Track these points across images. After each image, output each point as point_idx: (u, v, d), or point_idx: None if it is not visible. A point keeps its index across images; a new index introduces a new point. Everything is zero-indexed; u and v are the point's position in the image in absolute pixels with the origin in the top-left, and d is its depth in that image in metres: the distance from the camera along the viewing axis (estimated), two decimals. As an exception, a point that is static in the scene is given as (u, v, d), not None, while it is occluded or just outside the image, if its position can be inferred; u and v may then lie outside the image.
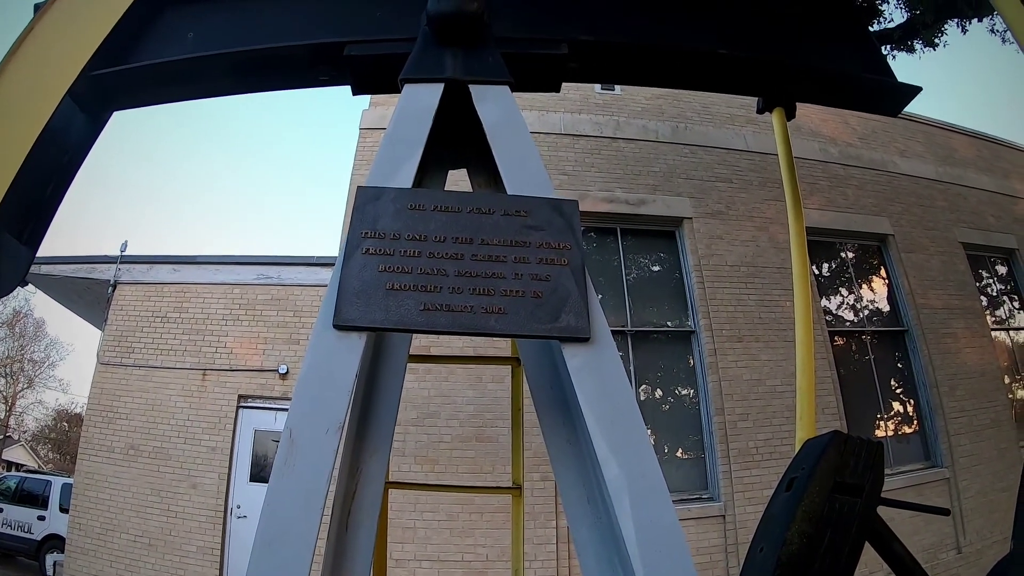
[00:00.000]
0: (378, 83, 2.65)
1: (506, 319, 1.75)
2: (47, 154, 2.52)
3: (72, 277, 10.48)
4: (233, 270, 10.12)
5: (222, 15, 2.95)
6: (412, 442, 7.48)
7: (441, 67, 2.30)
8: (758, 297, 9.05)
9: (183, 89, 3.02)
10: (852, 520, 2.42)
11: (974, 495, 9.00)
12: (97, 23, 2.65)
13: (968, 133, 13.49)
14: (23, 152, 2.36)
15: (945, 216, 11.44)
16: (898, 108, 3.37)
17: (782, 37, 3.24)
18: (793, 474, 2.66)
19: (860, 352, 10.06)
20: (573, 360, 1.76)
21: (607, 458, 1.65)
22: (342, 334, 1.70)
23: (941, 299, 10.41)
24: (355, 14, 2.83)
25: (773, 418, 8.26)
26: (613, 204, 9.28)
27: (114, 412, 9.44)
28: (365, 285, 1.74)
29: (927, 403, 9.60)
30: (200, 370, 9.49)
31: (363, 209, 1.87)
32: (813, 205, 9.99)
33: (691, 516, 7.70)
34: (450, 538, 7.16)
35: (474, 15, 2.33)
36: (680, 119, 10.37)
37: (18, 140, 2.37)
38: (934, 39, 10.52)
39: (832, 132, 11.33)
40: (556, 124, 9.72)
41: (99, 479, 9.17)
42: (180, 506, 8.89)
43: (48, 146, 2.47)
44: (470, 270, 1.80)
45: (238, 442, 9.28)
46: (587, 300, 1.81)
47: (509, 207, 1.93)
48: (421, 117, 2.17)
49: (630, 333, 8.76)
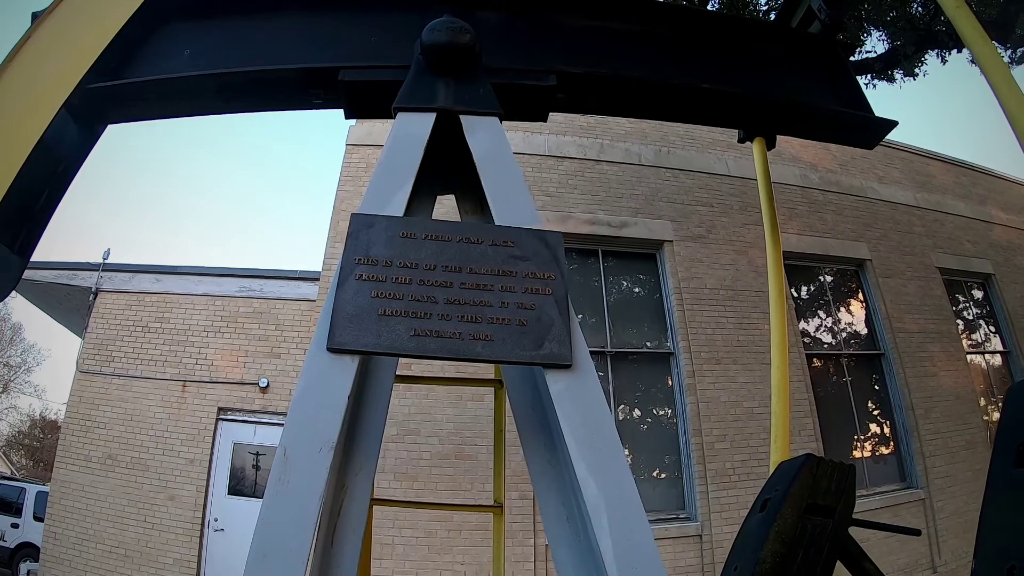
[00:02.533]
0: (371, 108, 2.69)
1: (492, 345, 1.82)
2: (41, 165, 2.54)
3: (53, 283, 10.36)
4: (216, 282, 10.07)
5: (219, 34, 2.97)
6: (392, 459, 7.48)
7: (433, 97, 2.37)
8: (736, 320, 9.15)
9: (178, 106, 3.03)
10: (824, 540, 2.48)
11: (949, 515, 9.12)
12: (94, 35, 2.67)
13: (946, 160, 13.72)
14: (18, 162, 2.38)
15: (922, 241, 11.64)
16: (874, 141, 3.47)
17: (763, 72, 3.34)
18: (767, 495, 2.72)
19: (837, 374, 10.18)
20: (555, 385, 1.82)
21: (586, 479, 1.72)
22: (335, 357, 1.76)
23: (918, 323, 10.57)
24: (350, 39, 2.88)
25: (750, 439, 8.34)
26: (595, 226, 9.35)
27: (92, 421, 9.34)
28: (358, 310, 1.81)
29: (903, 425, 9.73)
30: (180, 381, 9.43)
31: (357, 236, 1.93)
32: (793, 230, 10.15)
33: (669, 536, 7.74)
34: (428, 555, 7.16)
35: (466, 47, 2.40)
36: (663, 143, 10.49)
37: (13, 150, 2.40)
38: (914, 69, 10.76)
39: (813, 158, 11.50)
40: (541, 145, 9.80)
41: (75, 488, 9.06)
42: (157, 518, 8.80)
43: (42, 157, 2.49)
44: (459, 297, 1.87)
45: (216, 455, 9.21)
46: (570, 328, 1.88)
47: (497, 237, 2.00)
48: (413, 146, 2.23)
49: (610, 354, 8.82)
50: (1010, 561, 1.69)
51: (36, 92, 2.54)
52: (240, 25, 3.01)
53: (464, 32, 2.41)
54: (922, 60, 10.68)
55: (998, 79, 2.56)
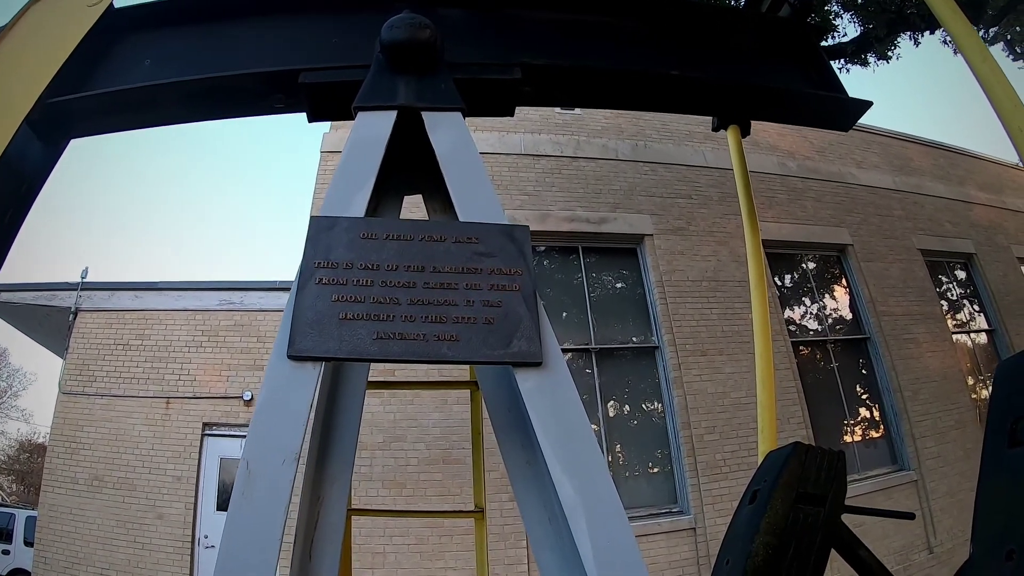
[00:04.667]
0: (333, 110, 2.64)
1: (459, 346, 1.77)
2: (3, 183, 2.49)
3: (33, 304, 10.32)
4: (195, 296, 10.03)
5: (180, 42, 2.93)
6: (379, 466, 7.42)
7: (393, 94, 2.32)
8: (720, 311, 9.16)
9: (140, 117, 2.98)
10: (816, 529, 2.45)
11: (942, 496, 9.16)
12: (55, 49, 2.63)
13: (923, 143, 13.84)
14: (-21, 184, 2.34)
15: (903, 224, 11.71)
16: (849, 123, 3.44)
17: (734, 57, 3.30)
18: (756, 486, 2.69)
19: (824, 360, 10.21)
20: (526, 384, 1.77)
21: (561, 480, 1.67)
22: (297, 364, 1.71)
23: (902, 306, 10.63)
24: (310, 42, 2.84)
25: (739, 430, 8.34)
26: (574, 223, 9.34)
27: (77, 442, 9.29)
28: (319, 315, 1.75)
29: (892, 408, 9.78)
30: (164, 398, 9.37)
31: (316, 239, 1.88)
32: (772, 218, 10.17)
33: (661, 530, 7.73)
34: (420, 562, 7.10)
35: (426, 42, 2.35)
36: (640, 137, 10.50)
37: (-25, 171, 2.36)
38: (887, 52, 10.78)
39: (790, 146, 11.54)
40: (516, 145, 9.78)
41: (64, 511, 9.00)
42: (147, 537, 8.75)
43: (4, 175, 2.45)
44: (422, 298, 1.81)
45: (204, 471, 9.17)
46: (539, 325, 1.83)
47: (460, 234, 1.95)
48: (374, 145, 2.18)
49: (594, 351, 8.80)
50: (1008, 544, 1.65)
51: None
52: (200, 33, 2.96)
53: (424, 28, 2.36)
54: (895, 43, 10.69)
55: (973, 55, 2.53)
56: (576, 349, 8.76)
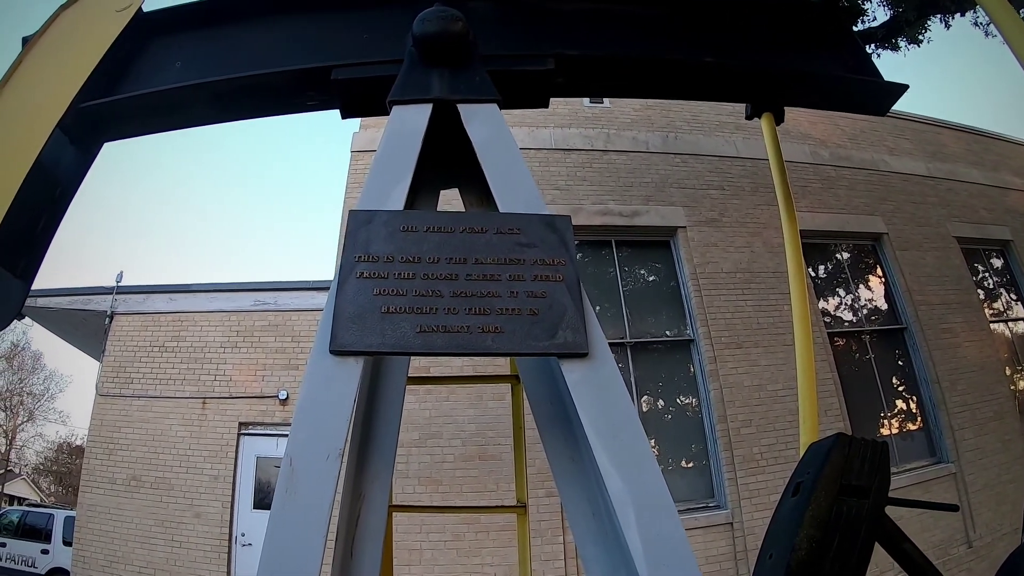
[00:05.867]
0: (366, 106, 2.64)
1: (503, 338, 1.74)
2: (39, 187, 2.51)
3: (69, 309, 10.47)
4: (230, 297, 10.12)
5: (209, 43, 2.94)
6: (415, 463, 7.45)
7: (428, 88, 2.31)
8: (755, 302, 9.06)
9: (173, 119, 3.00)
10: (860, 522, 2.40)
11: (981, 489, 9.00)
12: (85, 55, 2.65)
13: (957, 128, 13.58)
14: (15, 186, 2.35)
15: (938, 212, 11.50)
16: (885, 108, 3.37)
17: (767, 43, 3.26)
18: (799, 479, 2.65)
19: (860, 352, 10.06)
20: (572, 375, 1.74)
21: (610, 472, 1.64)
22: (339, 360, 1.69)
23: (938, 295, 10.44)
24: (341, 38, 2.83)
25: (776, 423, 8.25)
26: (607, 217, 9.31)
27: (115, 443, 9.42)
28: (360, 310, 1.73)
29: (929, 399, 9.61)
30: (200, 398, 9.47)
31: (355, 233, 1.86)
32: (806, 208, 10.02)
33: (698, 525, 7.67)
34: (457, 558, 7.12)
35: (459, 35, 2.34)
36: (670, 129, 10.42)
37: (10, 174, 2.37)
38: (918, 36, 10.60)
39: (822, 134, 11.38)
40: (547, 139, 9.76)
41: (102, 511, 9.13)
42: (184, 536, 8.85)
43: (40, 179, 2.47)
44: (465, 290, 1.79)
45: (240, 469, 9.25)
46: (583, 315, 1.80)
47: (502, 225, 1.93)
48: (410, 138, 2.17)
49: (629, 344, 8.76)
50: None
51: (30, 115, 2.53)
52: (229, 33, 2.98)
53: (455, 20, 2.35)
54: (925, 27, 10.51)
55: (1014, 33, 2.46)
56: (611, 343, 8.62)
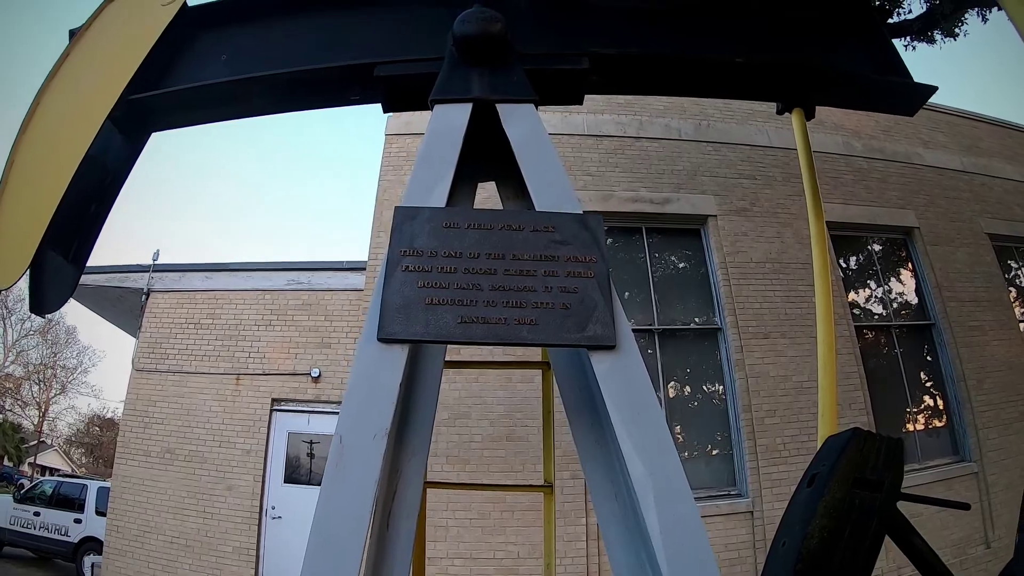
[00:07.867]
0: (407, 101, 2.73)
1: (537, 329, 1.86)
2: (90, 177, 2.63)
3: (105, 286, 10.63)
4: (264, 276, 10.25)
5: (253, 38, 3.04)
6: (444, 442, 7.59)
7: (469, 87, 2.41)
8: (783, 293, 9.04)
9: (220, 111, 3.12)
10: (872, 515, 2.46)
11: (1003, 489, 8.91)
12: (133, 48, 2.75)
13: (992, 122, 13.29)
14: (68, 176, 2.49)
15: (971, 207, 11.31)
16: (914, 108, 3.40)
17: (798, 41, 3.30)
18: (815, 470, 2.72)
19: (888, 346, 10.01)
20: (600, 366, 1.86)
21: (632, 458, 1.75)
22: (386, 346, 1.82)
23: (968, 291, 10.31)
24: (384, 35, 2.92)
25: (800, 414, 8.26)
26: (638, 203, 9.33)
27: (150, 417, 9.60)
28: (406, 300, 1.87)
29: (955, 397, 9.52)
30: (234, 375, 9.63)
31: (401, 228, 1.99)
32: (837, 199, 9.96)
33: (719, 512, 7.74)
34: (482, 536, 7.27)
35: (497, 35, 2.43)
36: (702, 117, 10.36)
37: (63, 164, 2.50)
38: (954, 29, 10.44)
39: (855, 126, 11.26)
40: (579, 125, 9.78)
41: (136, 482, 9.33)
42: (216, 508, 9.03)
43: (91, 169, 2.59)
44: (503, 284, 1.92)
45: (272, 445, 9.40)
46: (612, 309, 1.91)
47: (538, 223, 2.05)
48: (452, 136, 2.27)
49: (657, 331, 8.81)
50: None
51: (80, 107, 2.64)
52: (273, 28, 3.07)
53: (494, 21, 2.44)
54: (962, 20, 10.34)
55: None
56: (639, 329, 8.71)
